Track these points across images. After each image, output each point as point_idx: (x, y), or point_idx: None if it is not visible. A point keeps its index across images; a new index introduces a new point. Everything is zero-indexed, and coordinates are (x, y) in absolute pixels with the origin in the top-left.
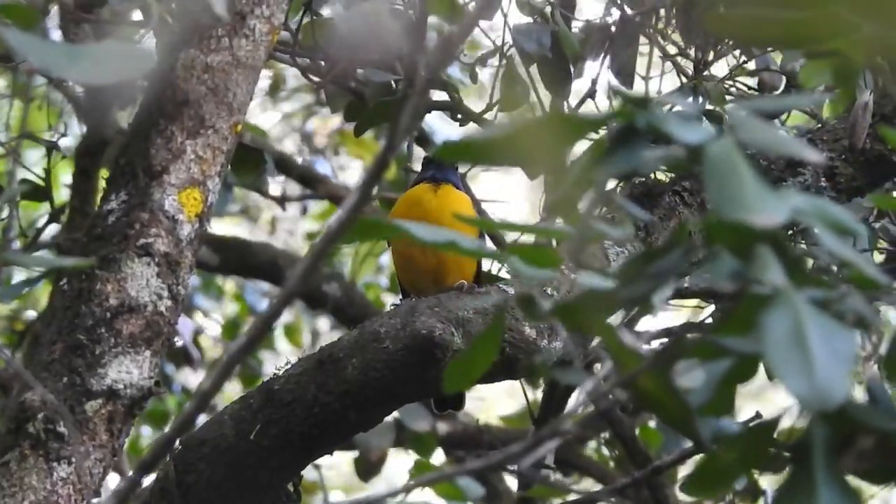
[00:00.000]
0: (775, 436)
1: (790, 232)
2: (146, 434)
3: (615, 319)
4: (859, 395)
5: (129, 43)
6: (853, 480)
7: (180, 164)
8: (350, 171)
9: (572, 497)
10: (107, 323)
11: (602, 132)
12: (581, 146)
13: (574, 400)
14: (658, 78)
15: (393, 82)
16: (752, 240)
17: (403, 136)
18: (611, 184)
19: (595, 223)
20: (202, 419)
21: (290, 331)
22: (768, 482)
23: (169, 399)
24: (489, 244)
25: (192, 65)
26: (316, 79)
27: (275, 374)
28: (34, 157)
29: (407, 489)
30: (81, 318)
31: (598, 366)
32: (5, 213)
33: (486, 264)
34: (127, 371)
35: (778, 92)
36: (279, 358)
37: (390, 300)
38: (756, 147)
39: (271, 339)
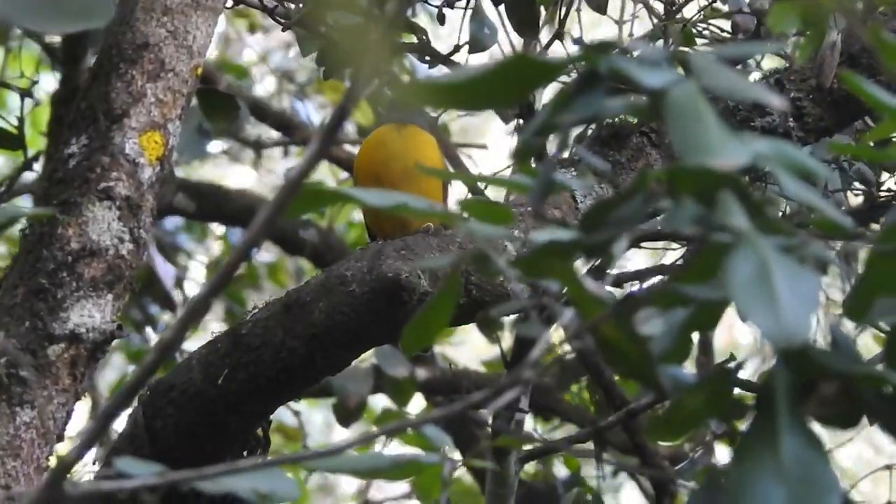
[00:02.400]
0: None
1: (756, 178)
2: (125, 371)
3: (578, 266)
4: (822, 341)
5: None
6: (815, 427)
7: (140, 107)
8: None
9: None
10: (68, 267)
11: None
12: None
13: (535, 350)
14: (630, 21)
15: (364, 24)
16: (715, 185)
17: (365, 85)
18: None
19: (556, 173)
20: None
21: (274, 270)
22: (745, 426)
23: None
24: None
25: (151, 7)
26: (284, 21)
27: (242, 318)
28: (10, 106)
29: (372, 437)
30: (43, 262)
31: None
32: None
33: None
34: (89, 315)
35: (749, 33)
36: (264, 295)
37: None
38: (719, 92)
39: (255, 277)
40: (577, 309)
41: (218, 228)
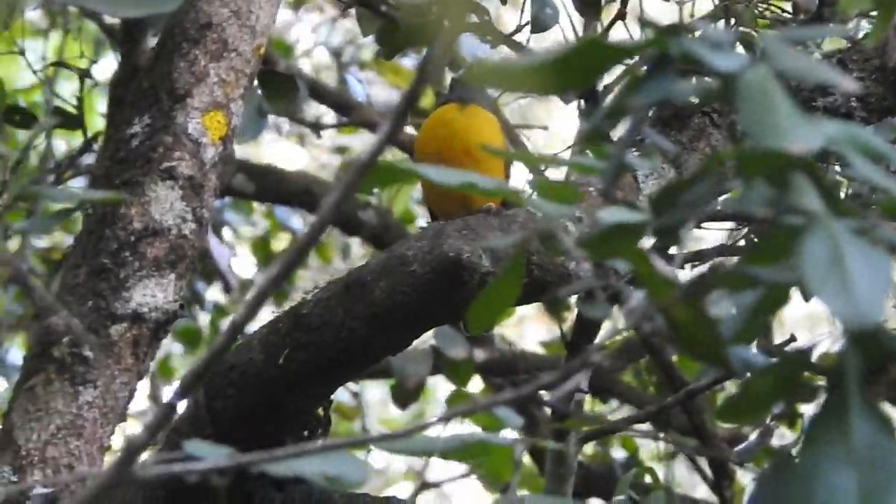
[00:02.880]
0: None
1: (819, 158)
2: (177, 352)
3: (646, 245)
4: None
5: None
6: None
7: (203, 87)
8: (384, 92)
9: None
10: (131, 246)
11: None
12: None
13: (604, 332)
14: (691, 1)
15: (424, 4)
16: (787, 167)
17: (435, 69)
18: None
19: (626, 155)
20: None
21: (321, 247)
22: (805, 407)
23: (201, 318)
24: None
25: None
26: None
27: (303, 298)
28: (70, 88)
29: (443, 419)
30: (105, 241)
31: (627, 294)
32: (42, 145)
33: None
34: (152, 294)
35: (811, 14)
36: (309, 273)
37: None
38: (790, 75)
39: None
40: (646, 290)
41: (262, 205)
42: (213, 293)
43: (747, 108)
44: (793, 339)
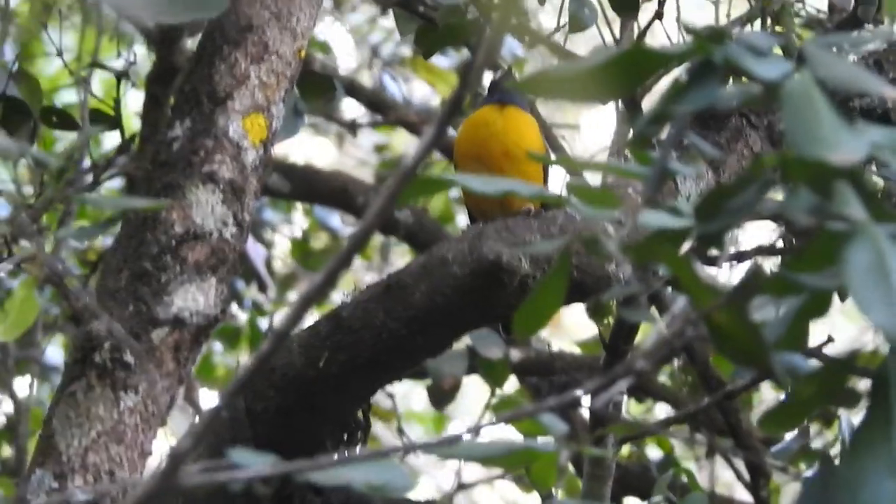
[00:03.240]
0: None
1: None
2: (218, 351)
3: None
4: None
5: None
6: None
7: (244, 89)
8: (420, 90)
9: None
10: (172, 250)
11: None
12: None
13: (649, 339)
14: (728, 1)
15: (462, 4)
16: (831, 175)
17: (479, 74)
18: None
19: (670, 161)
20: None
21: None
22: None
23: (240, 316)
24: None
25: None
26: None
27: (343, 301)
28: (106, 86)
29: (486, 427)
30: (146, 245)
31: (668, 298)
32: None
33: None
34: (193, 299)
35: (846, 13)
36: (349, 272)
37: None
38: (834, 83)
39: (340, 249)
40: (689, 296)
41: (301, 204)
42: (253, 291)
43: (791, 116)
44: (830, 340)
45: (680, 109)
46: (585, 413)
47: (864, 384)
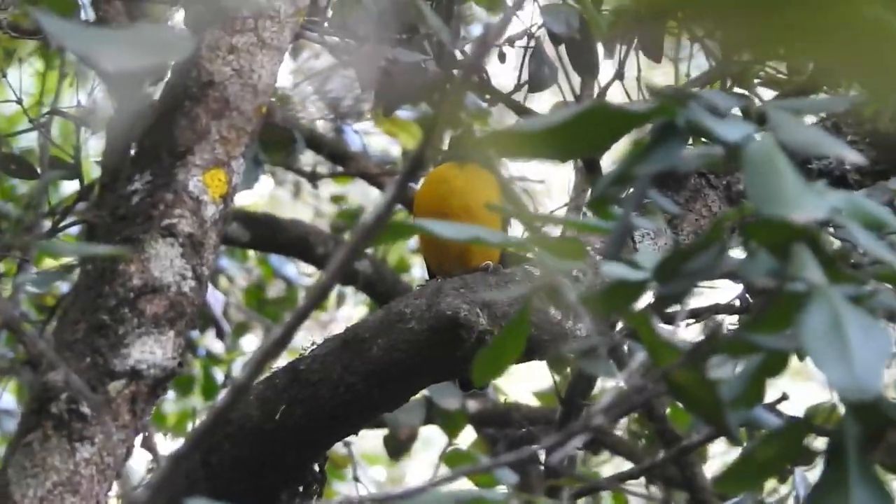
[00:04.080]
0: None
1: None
2: (170, 398)
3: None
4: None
5: (165, 27)
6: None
7: (205, 144)
8: (380, 141)
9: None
10: (130, 303)
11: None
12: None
13: (608, 395)
14: (687, 61)
15: (423, 62)
16: (790, 237)
17: (441, 131)
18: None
19: (633, 218)
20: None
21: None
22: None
23: (194, 364)
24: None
25: (217, 45)
26: (345, 57)
27: (300, 354)
28: (64, 130)
29: (441, 482)
30: (105, 298)
31: (626, 354)
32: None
33: None
34: (150, 351)
35: (805, 75)
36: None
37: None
38: (796, 147)
39: (295, 300)
40: (649, 353)
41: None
42: (207, 340)
43: (753, 178)
44: (785, 397)
45: (642, 170)
46: (541, 467)
47: (819, 442)
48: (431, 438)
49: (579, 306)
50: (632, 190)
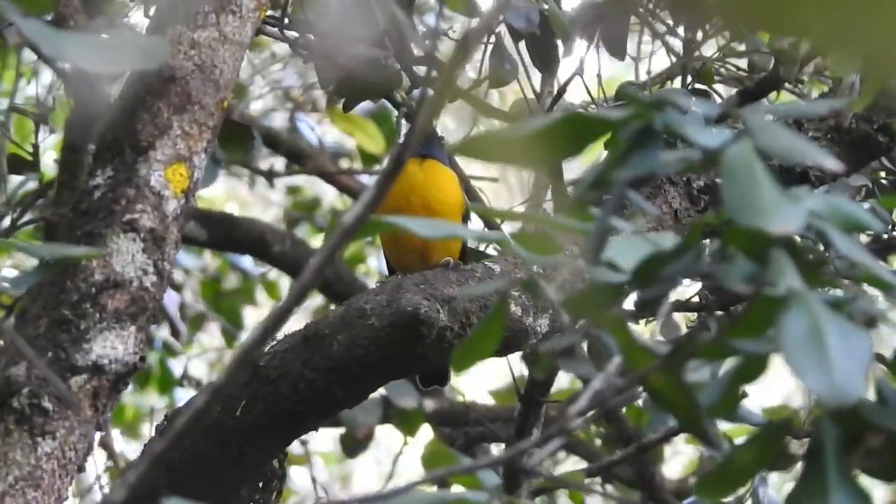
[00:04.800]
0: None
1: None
2: (126, 392)
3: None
4: (869, 394)
5: (139, 33)
6: (861, 478)
7: (166, 140)
8: (334, 136)
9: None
10: (92, 298)
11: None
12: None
13: (583, 396)
14: (648, 59)
15: (383, 58)
16: (768, 244)
17: (420, 136)
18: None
19: (612, 220)
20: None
21: (270, 286)
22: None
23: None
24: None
25: (179, 41)
26: (305, 53)
27: (261, 350)
28: (21, 129)
29: (423, 482)
30: (66, 293)
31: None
32: None
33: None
34: (112, 346)
35: (767, 72)
36: (260, 312)
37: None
38: (774, 153)
39: (251, 293)
40: (625, 357)
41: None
42: (163, 333)
43: (731, 185)
44: (744, 395)
45: (621, 175)
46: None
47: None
48: (379, 437)
49: (557, 300)
50: (609, 194)
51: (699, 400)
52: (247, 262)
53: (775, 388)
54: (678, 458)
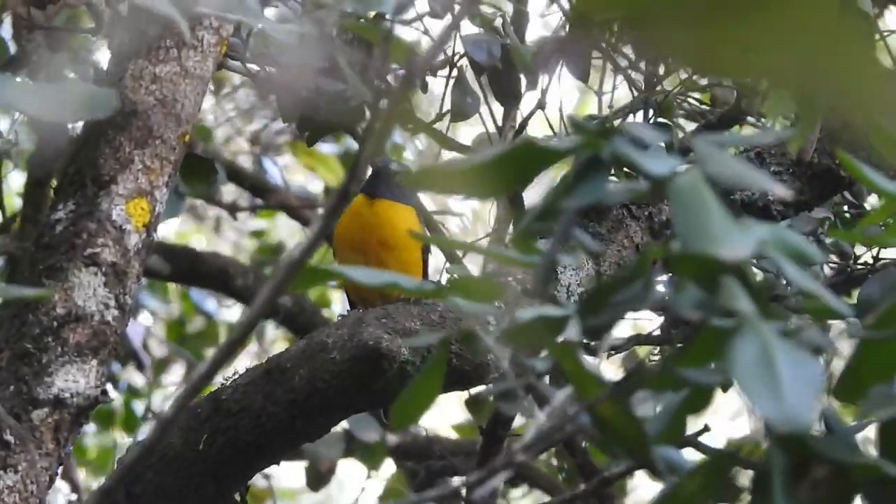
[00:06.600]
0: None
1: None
2: (90, 432)
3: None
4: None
5: (89, 85)
6: None
7: (128, 174)
8: (300, 175)
9: None
10: (54, 332)
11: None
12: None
13: (530, 431)
14: (610, 92)
15: (345, 91)
16: (718, 271)
17: (365, 167)
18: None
19: (558, 254)
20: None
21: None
22: None
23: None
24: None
25: (140, 75)
26: (267, 87)
27: (222, 383)
28: None
29: None
30: (28, 326)
31: (546, 391)
32: None
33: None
34: (74, 380)
35: (729, 105)
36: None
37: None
38: (723, 180)
39: (216, 335)
40: (574, 386)
41: (177, 288)
42: (128, 373)
43: (680, 212)
44: (707, 429)
45: (568, 205)
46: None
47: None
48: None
49: (496, 349)
50: (557, 225)
51: (646, 429)
52: (211, 304)
53: (741, 423)
54: (641, 491)
